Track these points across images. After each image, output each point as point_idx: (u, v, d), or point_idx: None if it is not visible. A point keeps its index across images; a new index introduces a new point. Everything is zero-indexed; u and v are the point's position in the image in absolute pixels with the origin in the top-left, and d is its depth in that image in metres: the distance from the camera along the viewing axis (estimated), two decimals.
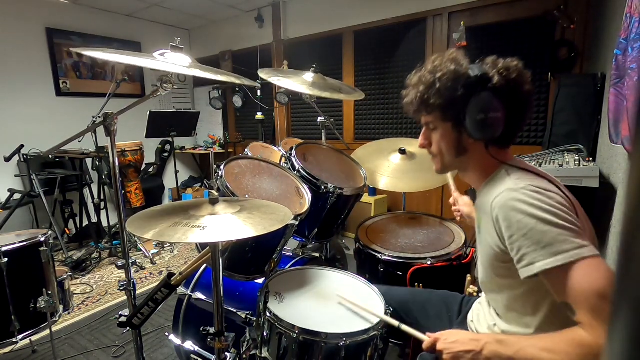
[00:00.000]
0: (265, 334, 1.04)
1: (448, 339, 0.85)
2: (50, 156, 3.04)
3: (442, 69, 0.86)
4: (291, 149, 1.57)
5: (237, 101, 4.37)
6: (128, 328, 1.13)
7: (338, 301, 1.12)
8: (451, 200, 1.43)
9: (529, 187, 0.77)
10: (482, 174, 0.92)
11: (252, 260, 1.29)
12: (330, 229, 1.65)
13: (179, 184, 3.84)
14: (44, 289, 1.66)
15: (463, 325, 1.10)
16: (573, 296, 0.71)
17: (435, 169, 0.99)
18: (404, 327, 0.97)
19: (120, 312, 1.17)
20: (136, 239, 3.30)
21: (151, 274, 2.99)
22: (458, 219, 1.42)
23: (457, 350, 0.82)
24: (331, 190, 1.45)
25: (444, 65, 0.87)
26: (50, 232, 1.76)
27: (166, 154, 4.73)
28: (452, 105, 0.85)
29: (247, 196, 1.25)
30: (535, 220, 0.74)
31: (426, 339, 0.90)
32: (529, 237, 0.74)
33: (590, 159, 1.60)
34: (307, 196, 1.38)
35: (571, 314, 0.73)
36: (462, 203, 1.39)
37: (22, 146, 2.97)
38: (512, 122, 0.85)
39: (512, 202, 0.77)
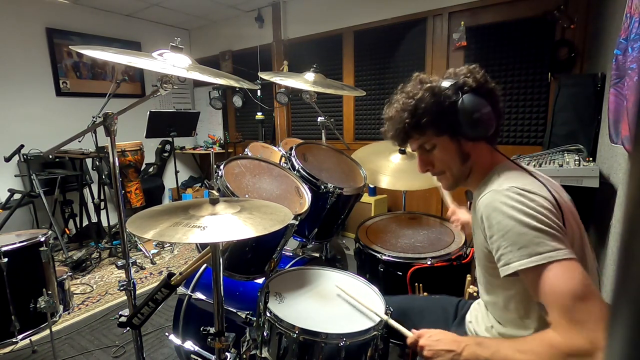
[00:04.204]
0: (265, 334, 1.04)
1: (432, 337, 0.88)
2: (50, 156, 3.03)
3: (417, 92, 0.89)
4: (291, 148, 1.57)
5: (237, 101, 4.38)
6: (128, 328, 1.12)
7: (336, 292, 1.13)
8: (449, 213, 1.44)
9: (512, 188, 0.79)
10: (479, 175, 0.94)
11: (252, 260, 1.29)
12: (330, 229, 1.65)
13: (179, 184, 3.84)
14: (44, 289, 1.66)
15: (461, 327, 1.10)
16: (545, 296, 0.73)
17: (446, 186, 1.00)
18: (391, 322, 0.99)
19: (120, 312, 1.17)
20: (136, 239, 3.30)
21: (151, 274, 2.99)
22: (459, 228, 1.43)
23: (438, 348, 0.85)
24: (331, 190, 1.45)
25: (416, 89, 0.90)
26: (50, 232, 1.76)
27: (166, 154, 4.73)
28: (443, 117, 0.87)
29: (247, 196, 1.25)
30: (513, 222, 0.75)
31: (410, 334, 0.93)
32: (507, 237, 0.76)
33: (590, 159, 1.60)
34: (307, 196, 1.38)
35: (545, 315, 0.75)
36: (460, 213, 1.40)
37: (22, 146, 2.97)
38: (497, 117, 0.89)
39: (494, 203, 0.80)
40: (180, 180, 4.19)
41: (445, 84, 0.88)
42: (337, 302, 1.12)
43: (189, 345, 1.41)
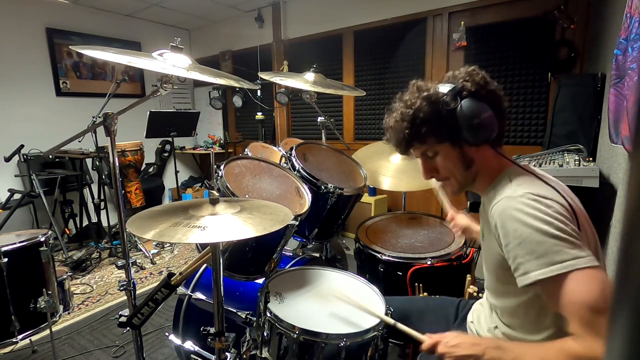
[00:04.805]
0: (265, 334, 1.04)
1: (449, 342, 0.84)
2: (50, 156, 3.04)
3: (415, 101, 0.87)
4: (291, 149, 1.57)
5: (237, 101, 4.38)
6: (128, 328, 1.13)
7: (337, 298, 1.12)
8: (448, 218, 1.41)
9: (527, 195, 0.77)
10: (486, 179, 0.92)
11: (252, 260, 1.29)
12: (330, 229, 1.65)
13: (179, 184, 3.84)
14: (44, 289, 1.66)
15: (461, 327, 1.10)
16: (565, 306, 0.71)
17: (451, 192, 0.97)
18: (400, 326, 0.96)
19: (120, 312, 1.17)
20: (136, 239, 3.30)
21: (151, 274, 2.99)
22: (458, 234, 1.40)
23: (459, 354, 0.81)
24: (331, 190, 1.45)
25: (413, 97, 0.88)
26: (50, 232, 1.76)
27: (166, 154, 4.73)
28: (443, 124, 0.86)
29: (247, 196, 1.25)
30: (530, 230, 0.74)
31: (425, 339, 0.89)
32: (523, 246, 0.74)
33: (590, 159, 1.60)
34: (307, 196, 1.38)
35: (565, 324, 0.73)
36: (459, 218, 1.37)
37: (22, 146, 2.97)
38: (499, 119, 0.87)
39: (509, 210, 0.78)
40: (180, 180, 4.19)
41: (443, 89, 0.86)
42: (337, 302, 1.12)
43: (189, 345, 1.41)
